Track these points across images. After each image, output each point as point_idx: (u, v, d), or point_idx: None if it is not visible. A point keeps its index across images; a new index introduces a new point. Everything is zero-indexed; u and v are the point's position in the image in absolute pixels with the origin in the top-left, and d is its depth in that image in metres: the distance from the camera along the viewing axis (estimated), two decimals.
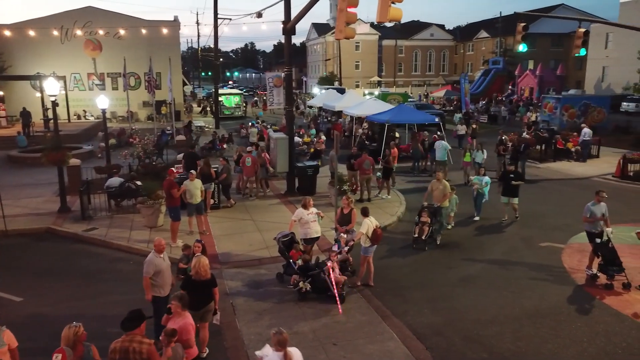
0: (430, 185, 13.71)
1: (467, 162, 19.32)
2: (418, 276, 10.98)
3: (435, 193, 13.43)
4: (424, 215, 12.67)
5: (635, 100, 40.74)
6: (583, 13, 63.60)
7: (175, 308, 6.50)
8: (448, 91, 56.94)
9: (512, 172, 14.76)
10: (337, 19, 12.54)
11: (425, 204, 13.19)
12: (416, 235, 12.49)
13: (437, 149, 20.28)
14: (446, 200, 13.37)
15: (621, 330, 8.54)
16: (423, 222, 12.57)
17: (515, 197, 14.49)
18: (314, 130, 29.15)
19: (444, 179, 13.85)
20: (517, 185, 14.43)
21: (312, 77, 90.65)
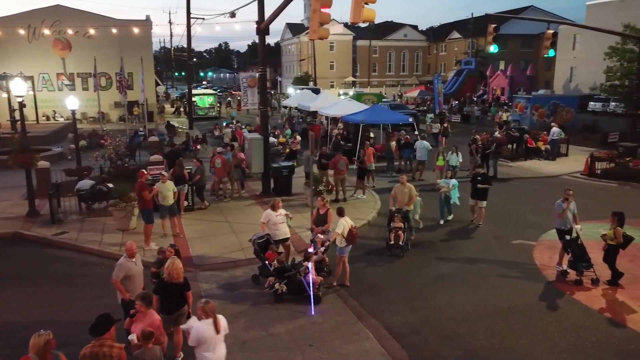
0: (394, 190, 13.23)
1: (441, 165, 18.69)
2: (393, 275, 11.04)
3: (399, 197, 12.99)
4: (396, 221, 12.23)
5: (602, 100, 41.87)
6: (551, 15, 65.13)
7: (140, 307, 6.45)
8: (422, 91, 57.58)
9: (479, 175, 14.46)
10: (311, 20, 12.53)
11: (394, 209, 12.74)
12: (392, 242, 12.01)
13: (418, 149, 20.46)
14: (411, 204, 13.05)
15: (590, 325, 8.75)
16: (397, 227, 12.14)
17: (483, 200, 14.27)
18: (289, 131, 29.11)
19: (407, 182, 13.36)
20: (485, 189, 14.20)
21: (287, 77, 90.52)
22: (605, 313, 9.24)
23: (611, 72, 24.68)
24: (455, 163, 18.24)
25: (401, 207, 12.74)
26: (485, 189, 14.20)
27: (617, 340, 8.24)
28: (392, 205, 13.01)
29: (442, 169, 18.31)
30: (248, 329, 8.65)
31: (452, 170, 17.57)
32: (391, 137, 22.79)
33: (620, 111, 36.33)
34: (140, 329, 6.07)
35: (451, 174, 15.06)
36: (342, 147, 23.67)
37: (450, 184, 14.44)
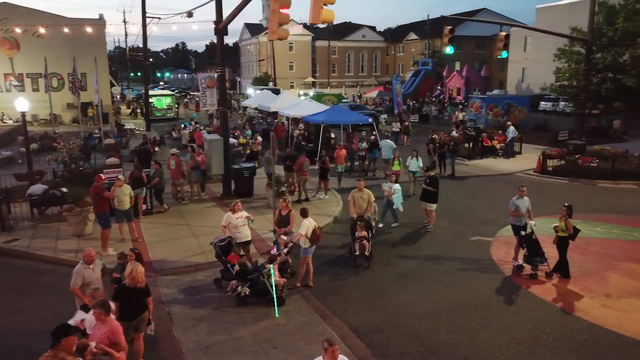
0: (351, 196, 12.56)
1: (397, 170, 17.60)
2: (356, 275, 11.13)
3: (358, 203, 12.40)
4: (359, 230, 11.62)
5: (552, 100, 43.46)
6: (504, 17, 67.16)
7: (99, 315, 6.27)
8: (380, 92, 58.26)
9: (427, 178, 14.13)
10: (269, 20, 12.49)
11: (355, 217, 12.14)
12: (357, 252, 11.41)
13: (384, 148, 20.66)
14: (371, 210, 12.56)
15: (545, 317, 9.08)
16: (361, 237, 11.50)
17: (431, 202, 13.99)
18: (249, 131, 28.88)
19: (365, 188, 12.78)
20: (431, 191, 13.90)
21: (246, 77, 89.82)
22: (558, 305, 9.62)
23: (560, 72, 25.68)
24: (415, 168, 17.59)
25: (363, 215, 12.20)
26: (433, 192, 13.87)
27: (570, 331, 8.59)
28: (352, 212, 12.39)
29: (399, 174, 17.31)
30: (211, 333, 8.53)
31: (412, 176, 17.73)
32: (352, 137, 22.96)
33: (569, 110, 37.81)
34: (99, 337, 5.91)
35: (395, 178, 14.54)
36: (303, 148, 23.69)
37: (393, 188, 14.02)
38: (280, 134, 25.21)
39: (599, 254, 12.06)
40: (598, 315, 9.10)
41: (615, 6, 24.01)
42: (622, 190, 18.77)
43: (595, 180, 19.82)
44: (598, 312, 9.20)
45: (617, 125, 32.34)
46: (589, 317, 9.02)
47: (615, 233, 13.66)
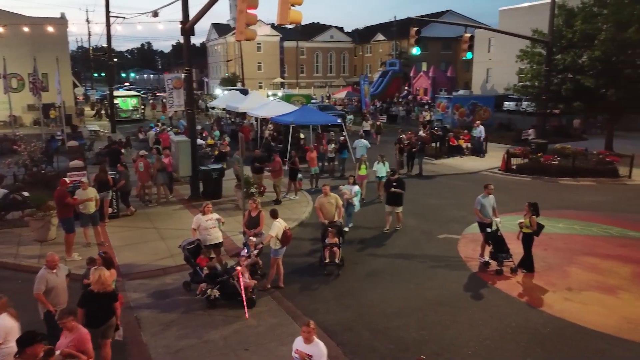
0: (318, 202, 12.21)
1: (363, 175, 16.94)
2: (326, 275, 11.15)
3: (325, 209, 12.02)
4: (330, 236, 11.23)
5: (515, 100, 44.55)
6: (468, 19, 68.44)
7: (71, 322, 6.11)
8: (349, 92, 58.59)
9: (394, 181, 13.88)
10: (237, 20, 12.42)
11: (326, 223, 11.74)
12: (327, 260, 11.04)
13: (358, 147, 20.77)
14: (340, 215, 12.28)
15: (511, 311, 9.32)
16: (331, 244, 11.15)
17: (399, 205, 13.91)
18: (217, 132, 28.62)
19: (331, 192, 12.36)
20: (400, 194, 13.79)
21: (214, 78, 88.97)
22: (523, 299, 9.89)
23: (522, 73, 26.25)
24: (383, 174, 16.57)
25: (334, 221, 11.85)
26: (400, 194, 13.77)
27: (534, 324, 8.84)
28: (322, 218, 11.99)
29: (365, 178, 16.95)
30: (181, 337, 8.43)
31: (380, 181, 16.73)
32: (321, 138, 23.02)
33: (531, 110, 38.85)
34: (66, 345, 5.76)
35: (353, 180, 14.20)
36: (273, 149, 23.62)
37: (353, 190, 13.82)
38: (247, 134, 25.05)
39: (561, 249, 12.45)
40: (561, 308, 9.40)
41: (574, 9, 24.73)
42: (582, 187, 19.42)
43: (556, 178, 20.45)
44: (561, 306, 9.51)
45: (576, 124, 33.47)
46: (552, 311, 9.31)
47: (575, 229, 14.13)
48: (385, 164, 16.87)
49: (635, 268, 11.22)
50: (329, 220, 11.81)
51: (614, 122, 26.16)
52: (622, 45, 22.76)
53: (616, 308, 9.40)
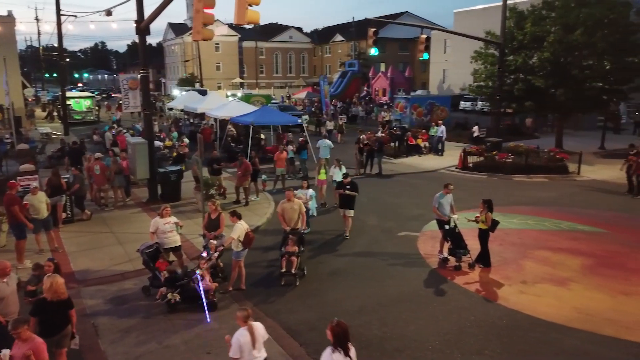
0: (281, 207, 11.68)
1: (323, 180, 16.46)
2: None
3: (288, 215, 11.52)
4: (290, 244, 10.82)
5: (471, 100, 45.76)
6: (425, 20, 69.81)
7: (26, 332, 5.88)
8: (309, 93, 58.69)
9: (347, 184, 13.52)
10: (193, 20, 12.27)
11: (288, 229, 11.34)
12: (284, 269, 10.52)
13: (321, 147, 20.77)
14: (304, 223, 11.92)
15: (470, 306, 9.58)
16: (290, 252, 10.69)
17: (350, 208, 13.59)
18: (175, 134, 28.12)
19: (295, 198, 12.00)
20: (352, 197, 13.47)
21: (172, 78, 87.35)
22: (481, 293, 10.18)
23: (477, 74, 26.98)
24: (340, 178, 15.47)
25: (297, 228, 11.45)
26: (353, 197, 13.50)
27: (491, 317, 9.11)
28: (284, 225, 11.51)
29: (325, 183, 16.45)
30: (140, 343, 8.25)
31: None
32: (282, 138, 22.98)
33: (486, 109, 39.95)
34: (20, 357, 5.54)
35: (307, 184, 13.99)
36: (232, 150, 23.41)
37: (308, 194, 13.63)
38: (207, 136, 24.72)
39: (515, 243, 12.88)
40: (516, 301, 9.72)
41: (524, 12, 25.66)
42: (534, 184, 20.14)
43: (510, 175, 21.12)
44: (516, 299, 9.83)
45: (529, 123, 34.68)
46: (508, 304, 9.62)
47: (529, 224, 14.64)
48: (342, 168, 16.08)
49: (584, 260, 11.73)
50: (290, 227, 11.40)
51: (563, 120, 27.26)
52: (569, 47, 23.76)
53: (567, 299, 9.80)
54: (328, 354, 5.45)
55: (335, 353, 5.43)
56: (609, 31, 23.50)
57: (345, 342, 5.49)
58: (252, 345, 6.11)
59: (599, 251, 12.32)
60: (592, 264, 11.51)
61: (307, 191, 13.80)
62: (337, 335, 5.47)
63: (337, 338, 5.47)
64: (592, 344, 8.19)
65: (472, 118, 37.57)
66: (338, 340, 5.46)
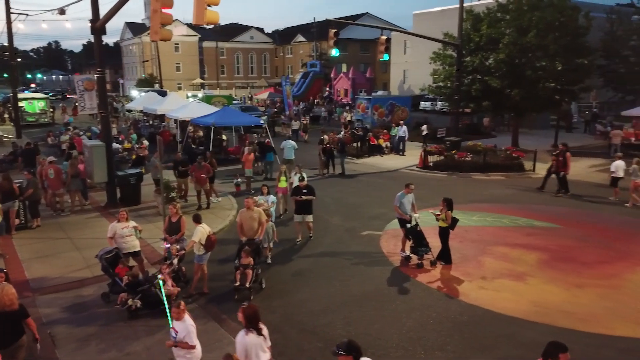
0: (240, 216, 11.03)
1: (283, 188, 15.54)
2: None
3: (246, 224, 10.81)
4: (244, 257, 10.06)
5: (431, 100, 46.53)
6: (385, 22, 70.78)
7: None
8: (271, 93, 58.50)
9: (304, 188, 13.14)
10: (151, 20, 12.04)
11: (244, 240, 10.68)
12: (237, 283, 9.83)
13: (286, 148, 20.70)
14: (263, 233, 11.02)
15: (432, 303, 9.76)
16: (244, 265, 10.00)
17: (309, 214, 13.17)
18: (134, 136, 27.50)
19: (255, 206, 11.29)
20: (310, 201, 13.11)
21: (130, 79, 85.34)
22: (443, 290, 10.39)
23: (436, 74, 27.50)
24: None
25: (253, 238, 10.71)
26: (310, 202, 13.10)
27: (453, 314, 9.32)
28: (241, 235, 10.83)
29: (286, 191, 15.53)
30: (101, 351, 8.03)
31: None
32: (244, 139, 22.81)
33: (445, 109, 40.78)
34: None
35: (267, 189, 13.33)
36: (193, 151, 23.08)
37: (270, 200, 13.09)
38: (167, 137, 24.29)
39: (475, 240, 13.21)
40: (476, 297, 9.98)
41: (480, 14, 26.37)
42: (492, 181, 20.70)
43: (469, 173, 21.64)
44: (476, 294, 10.09)
45: (486, 122, 35.62)
46: (468, 299, 9.86)
47: (488, 221, 15.04)
48: (303, 174, 14.99)
49: (541, 255, 12.15)
50: (248, 238, 10.68)
51: (519, 120, 28.12)
52: (523, 48, 24.55)
53: (525, 293, 10.13)
54: (242, 335, 5.85)
55: (249, 334, 5.84)
56: (560, 34, 24.44)
57: (257, 322, 5.91)
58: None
59: (554, 246, 12.78)
60: (548, 259, 11.93)
61: (269, 197, 13.17)
62: (248, 316, 5.86)
63: (249, 319, 5.86)
64: (549, 336, 8.41)
65: (432, 118, 38.31)
66: (250, 321, 5.86)
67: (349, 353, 4.96)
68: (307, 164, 22.96)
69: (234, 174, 20.31)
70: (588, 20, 25.46)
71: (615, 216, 15.54)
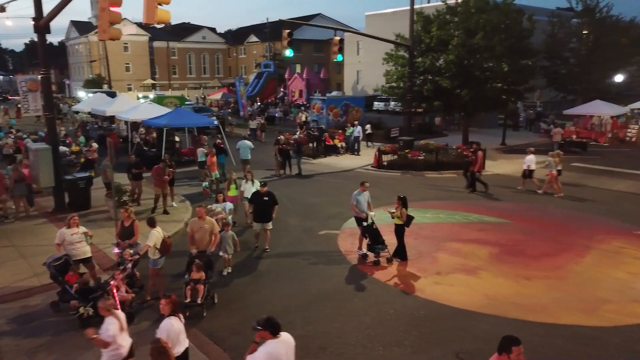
0: (190, 226, 10.49)
1: (233, 196, 14.52)
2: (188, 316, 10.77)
3: (198, 235, 10.20)
4: (194, 270, 9.41)
5: (384, 100, 47.22)
6: (338, 23, 71.30)
7: None
8: (225, 94, 57.85)
9: (265, 194, 12.35)
10: (99, 19, 11.69)
11: (194, 252, 10.01)
12: (188, 300, 9.15)
13: (242, 148, 20.51)
14: (215, 245, 10.39)
15: (389, 299, 9.93)
16: (194, 280, 9.35)
17: (268, 221, 12.39)
18: (82, 138, 26.54)
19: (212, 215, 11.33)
20: (271, 208, 12.36)
21: (76, 79, 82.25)
22: (400, 287, 10.59)
23: (389, 75, 27.93)
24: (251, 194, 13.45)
25: (205, 250, 10.12)
26: (272, 208, 12.39)
27: (410, 309, 9.51)
28: (191, 248, 10.17)
29: (236, 200, 14.41)
30: None
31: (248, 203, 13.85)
32: (199, 140, 22.44)
33: (398, 109, 41.51)
34: None
35: (222, 196, 12.89)
36: (145, 154, 22.54)
37: (227, 208, 12.64)
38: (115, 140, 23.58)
39: (429, 237, 13.52)
40: (432, 292, 10.22)
41: (430, 16, 27.02)
42: (445, 179, 21.24)
43: (423, 172, 22.12)
44: (432, 290, 10.34)
45: (438, 122, 36.53)
46: (424, 295, 10.09)
47: (441, 217, 15.44)
48: (255, 182, 14.14)
49: (492, 249, 12.57)
50: (199, 250, 10.09)
51: (469, 119, 28.98)
52: (471, 50, 25.32)
53: (478, 287, 10.46)
54: (168, 322, 6.27)
55: (174, 320, 6.34)
56: (506, 36, 25.38)
57: (178, 311, 6.49)
58: (121, 331, 6.60)
59: (504, 240, 13.26)
60: (498, 253, 12.37)
61: (225, 204, 12.73)
62: (174, 304, 6.43)
63: (174, 307, 6.41)
64: (501, 327, 8.78)
65: (386, 118, 38.92)
66: (174, 310, 6.40)
67: (266, 328, 5.56)
68: (264, 165, 22.93)
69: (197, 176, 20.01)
70: (531, 23, 26.56)
71: (559, 210, 16.28)
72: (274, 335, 5.59)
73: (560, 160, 18.40)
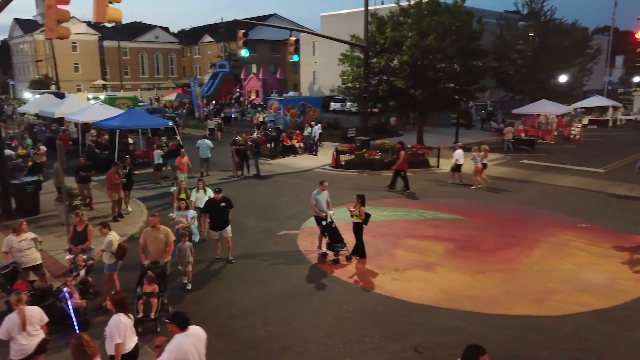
0: (143, 236, 9.81)
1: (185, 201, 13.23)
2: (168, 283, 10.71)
3: (152, 246, 9.59)
4: (146, 284, 8.83)
5: (341, 101, 47.60)
6: (293, 23, 71.29)
7: None
8: (179, 94, 56.80)
9: (221, 200, 11.78)
10: (45, 17, 11.26)
11: (146, 264, 9.42)
12: (140, 314, 8.53)
13: (201, 147, 20.39)
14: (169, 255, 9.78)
15: (349, 297, 10.04)
16: (147, 293, 8.76)
17: (226, 227, 11.85)
18: (29, 141, 25.49)
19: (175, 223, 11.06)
20: (227, 214, 11.84)
21: (21, 80, 78.77)
22: (359, 284, 10.72)
23: (344, 76, 28.18)
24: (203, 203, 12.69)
25: (158, 261, 9.52)
26: (228, 214, 11.88)
27: (369, 306, 9.65)
28: (143, 257, 9.60)
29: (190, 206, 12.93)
30: None
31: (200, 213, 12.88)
32: (153, 142, 21.98)
33: (354, 110, 41.93)
34: None
35: (185, 204, 12.21)
36: (97, 156, 21.88)
37: (189, 216, 11.88)
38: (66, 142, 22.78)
39: (387, 234, 13.76)
40: (390, 288, 10.41)
41: (384, 17, 27.45)
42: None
43: (379, 171, 22.42)
44: (390, 286, 10.53)
45: (393, 121, 37.13)
46: (383, 291, 10.26)
47: (398, 215, 15.73)
48: (207, 190, 13.20)
49: (447, 245, 12.92)
50: (151, 261, 9.53)
51: (423, 118, 29.62)
52: (425, 51, 25.90)
53: (434, 282, 10.73)
54: (117, 319, 6.32)
55: (122, 317, 6.38)
56: (457, 37, 26.12)
57: (125, 307, 6.54)
58: (22, 328, 6.61)
59: (458, 236, 13.65)
60: (453, 248, 12.72)
61: (188, 212, 11.97)
62: (118, 302, 6.48)
63: (118, 304, 6.45)
64: (457, 320, 9.07)
65: (343, 118, 39.24)
66: (119, 306, 6.45)
67: (173, 322, 5.81)
68: (221, 165, 22.68)
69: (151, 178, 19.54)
70: (481, 25, 27.41)
71: (510, 205, 16.90)
72: (182, 329, 5.78)
73: (486, 154, 19.40)
